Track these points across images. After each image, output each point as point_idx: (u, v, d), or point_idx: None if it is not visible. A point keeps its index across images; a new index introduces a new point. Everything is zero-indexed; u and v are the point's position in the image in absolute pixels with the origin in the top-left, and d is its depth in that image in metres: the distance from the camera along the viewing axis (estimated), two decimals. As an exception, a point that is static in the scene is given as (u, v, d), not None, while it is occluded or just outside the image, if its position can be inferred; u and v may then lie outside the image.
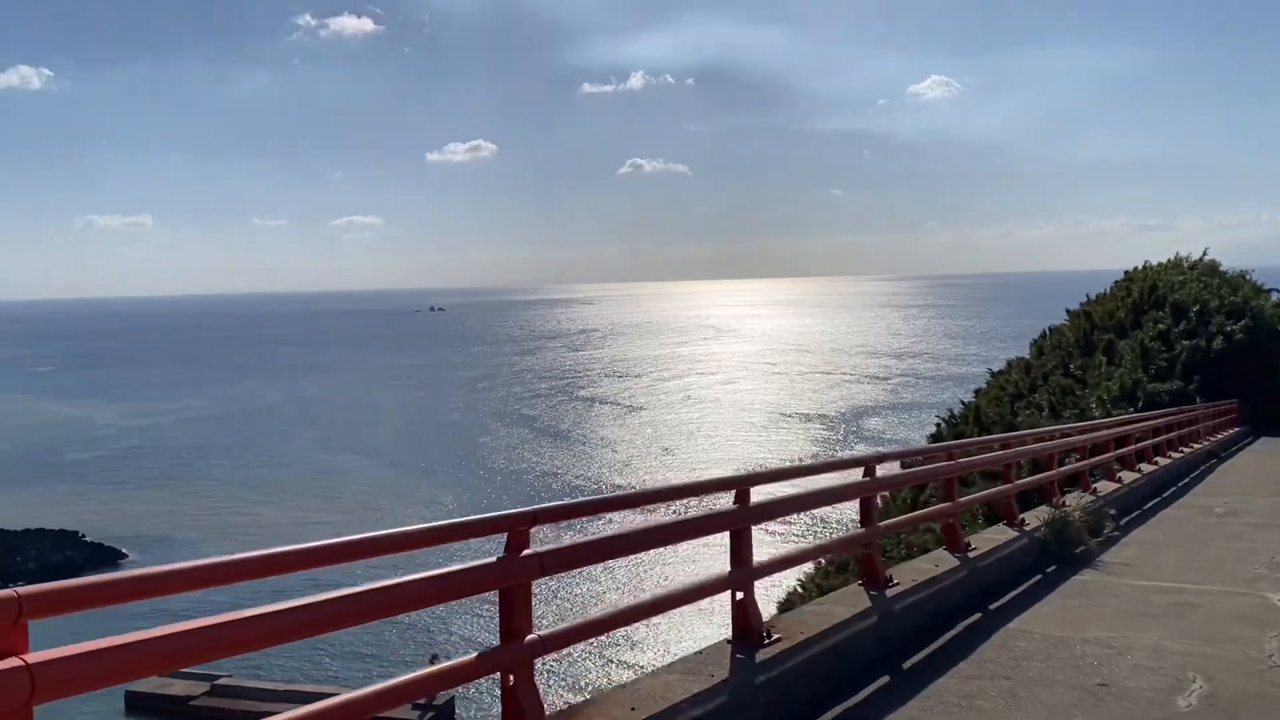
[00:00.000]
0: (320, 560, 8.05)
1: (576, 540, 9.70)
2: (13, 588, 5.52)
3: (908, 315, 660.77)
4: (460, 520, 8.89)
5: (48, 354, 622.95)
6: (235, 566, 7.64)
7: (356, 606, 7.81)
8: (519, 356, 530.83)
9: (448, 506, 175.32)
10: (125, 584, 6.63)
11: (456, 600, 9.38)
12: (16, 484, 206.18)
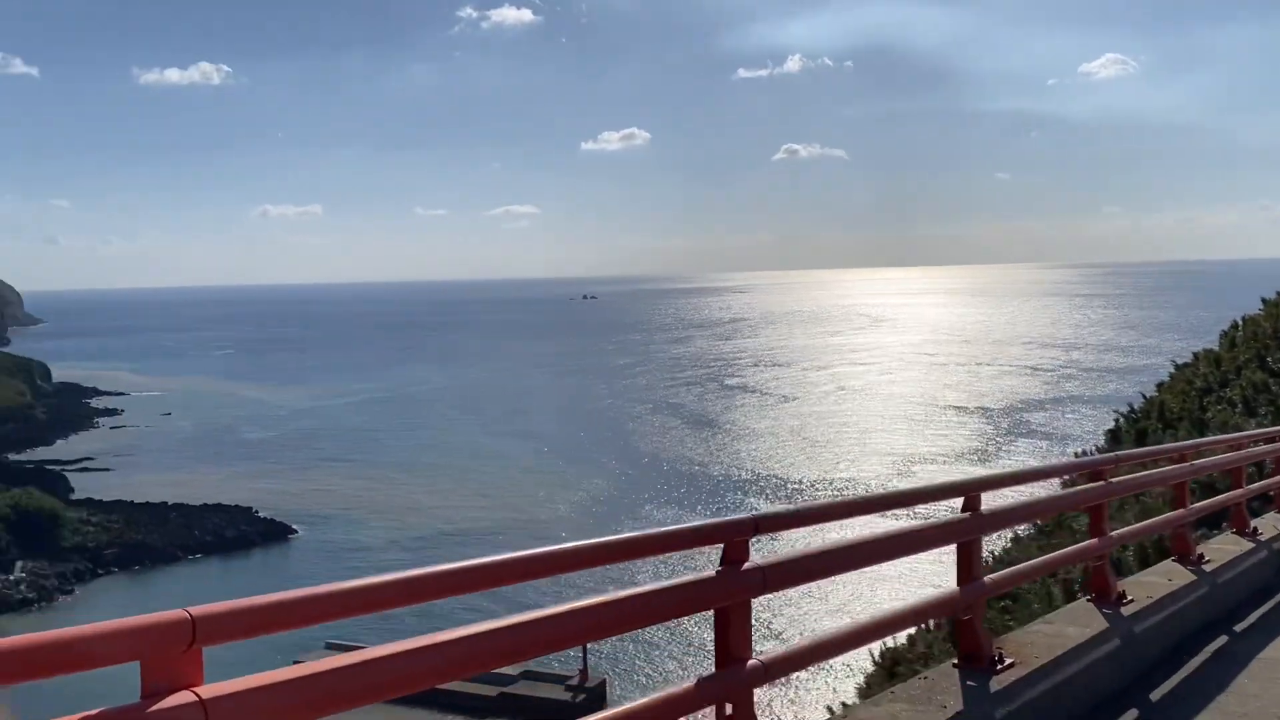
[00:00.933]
0: (511, 576, 6.86)
1: (801, 552, 8.43)
2: (184, 609, 5.02)
3: (1076, 305, 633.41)
4: (671, 529, 7.60)
5: (227, 338, 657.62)
6: (413, 584, 6.28)
7: (558, 631, 6.75)
8: (670, 345, 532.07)
9: (601, 492, 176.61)
10: (315, 603, 5.74)
11: (669, 621, 8.28)
12: (197, 461, 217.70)
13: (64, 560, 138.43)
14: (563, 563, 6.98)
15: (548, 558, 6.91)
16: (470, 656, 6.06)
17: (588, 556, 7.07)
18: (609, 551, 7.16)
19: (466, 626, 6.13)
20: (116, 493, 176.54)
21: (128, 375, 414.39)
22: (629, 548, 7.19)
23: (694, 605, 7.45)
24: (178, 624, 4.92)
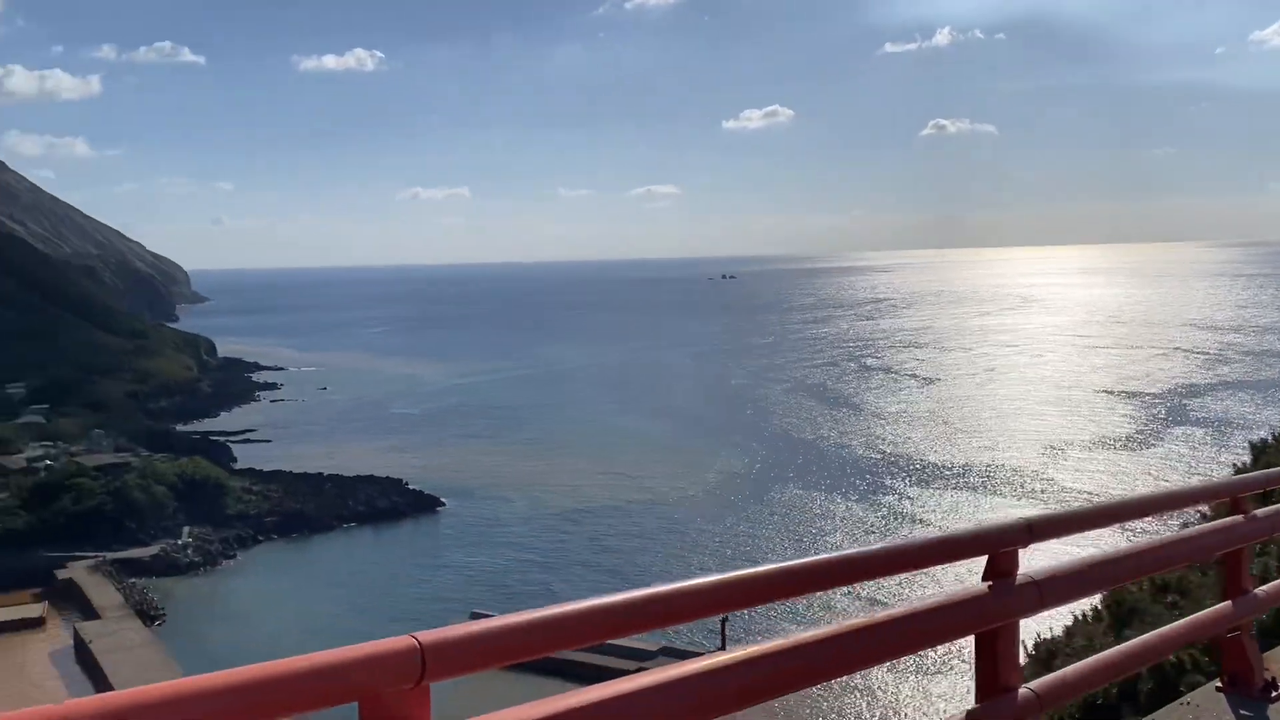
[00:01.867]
0: (742, 598, 5.98)
1: (1081, 561, 7.22)
2: (411, 635, 4.10)
3: (1242, 285, 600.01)
4: (928, 539, 6.56)
5: (379, 317, 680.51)
6: (654, 603, 5.56)
7: (810, 662, 5.45)
8: (810, 325, 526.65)
9: (737, 472, 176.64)
10: (561, 625, 4.71)
11: (930, 648, 7.06)
12: (351, 434, 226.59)
13: (227, 526, 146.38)
14: (809, 579, 5.84)
15: (786, 575, 5.75)
16: (709, 693, 5.29)
17: (840, 572, 5.91)
18: (863, 566, 6.10)
19: (705, 658, 5.45)
20: (276, 463, 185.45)
21: (287, 351, 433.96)
22: (884, 561, 6.20)
23: (960, 627, 6.20)
24: (403, 655, 4.08)
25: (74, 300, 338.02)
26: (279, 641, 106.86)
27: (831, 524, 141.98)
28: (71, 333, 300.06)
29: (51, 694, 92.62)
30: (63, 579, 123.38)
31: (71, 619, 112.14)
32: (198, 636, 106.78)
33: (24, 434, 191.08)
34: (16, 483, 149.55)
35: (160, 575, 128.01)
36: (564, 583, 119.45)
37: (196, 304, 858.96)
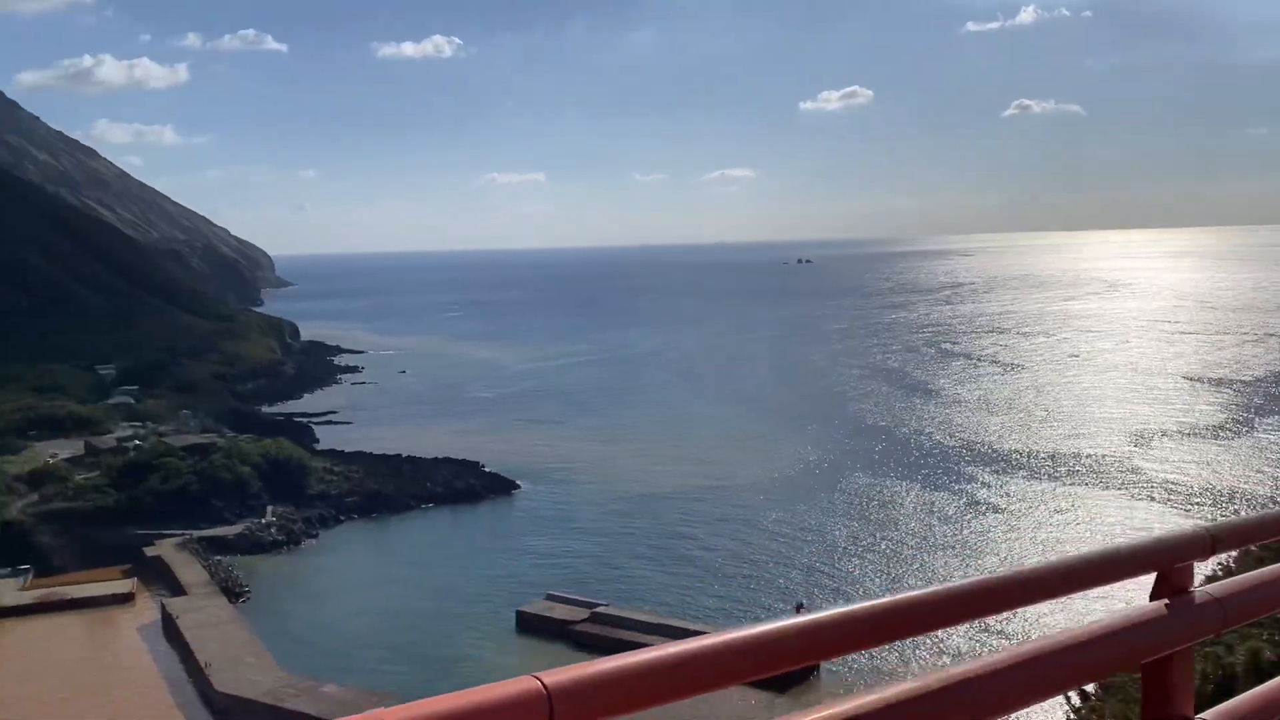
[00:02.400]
0: (911, 624, 5.00)
1: (1261, 574, 6.22)
2: (534, 676, 3.45)
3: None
4: (1093, 555, 5.37)
5: (456, 301, 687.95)
6: (796, 636, 4.18)
7: (966, 699, 4.59)
8: (888, 310, 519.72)
9: (813, 460, 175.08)
10: (701, 661, 3.90)
11: (1096, 681, 5.98)
12: (428, 416, 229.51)
13: (309, 506, 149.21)
14: (969, 604, 5.09)
15: (944, 600, 5.04)
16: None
17: (1005, 594, 5.06)
18: (1029, 588, 5.15)
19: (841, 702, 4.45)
20: (357, 444, 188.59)
21: (367, 335, 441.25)
22: (1051, 581, 5.21)
23: (1132, 654, 5.32)
24: (527, 702, 3.50)
25: (161, 284, 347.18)
26: (359, 620, 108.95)
27: (908, 514, 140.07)
28: (160, 316, 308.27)
29: (141, 667, 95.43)
30: (151, 556, 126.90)
31: (159, 594, 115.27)
32: (281, 614, 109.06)
33: (114, 414, 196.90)
34: (107, 462, 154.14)
35: (245, 553, 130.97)
36: (637, 568, 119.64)
37: (280, 288, 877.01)
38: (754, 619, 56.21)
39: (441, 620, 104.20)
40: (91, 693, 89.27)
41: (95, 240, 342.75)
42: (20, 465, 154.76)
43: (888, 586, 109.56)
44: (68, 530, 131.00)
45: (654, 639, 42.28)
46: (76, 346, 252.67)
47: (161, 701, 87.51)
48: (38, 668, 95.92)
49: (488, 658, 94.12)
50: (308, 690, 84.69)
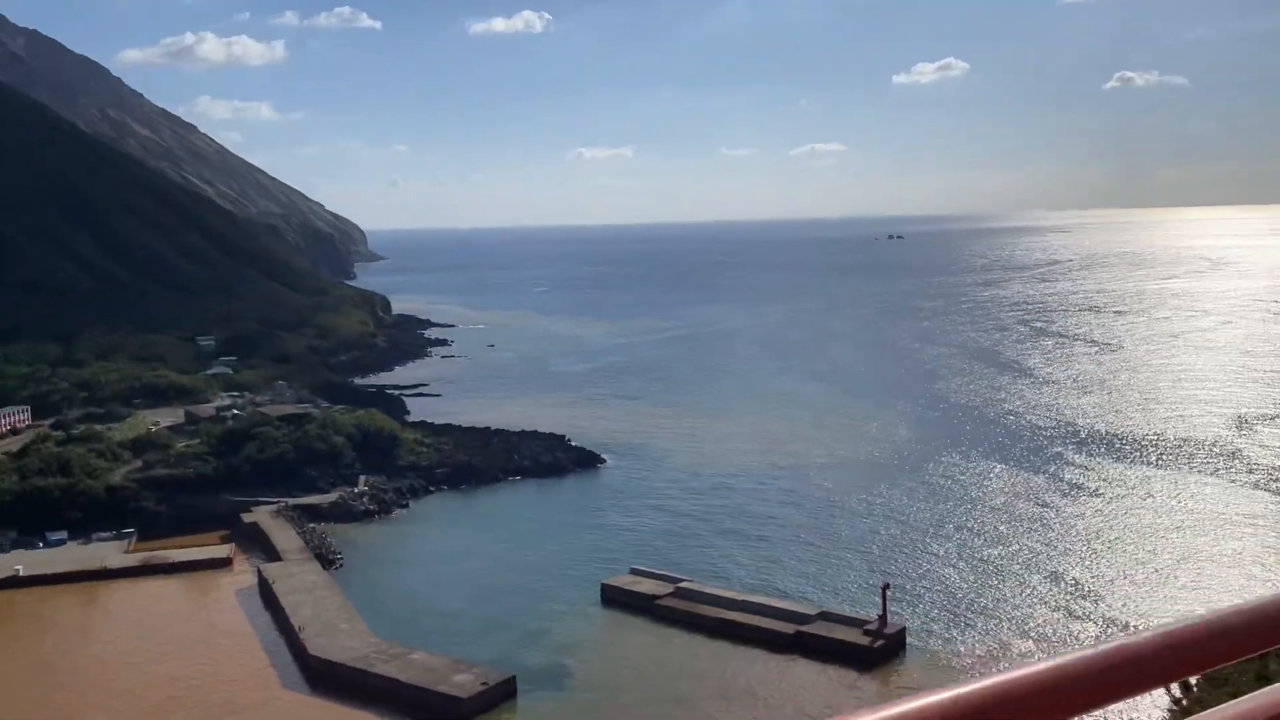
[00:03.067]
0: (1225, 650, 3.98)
1: None
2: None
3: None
4: None
5: (544, 276, 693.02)
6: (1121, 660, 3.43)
7: None
8: (980, 287, 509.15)
9: (902, 439, 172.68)
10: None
11: None
12: (516, 390, 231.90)
13: (400, 476, 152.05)
14: None
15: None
16: None
17: None
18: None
19: None
20: (446, 417, 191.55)
21: (457, 309, 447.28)
22: None
23: None
24: None
25: (259, 258, 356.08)
26: (447, 589, 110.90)
27: (996, 496, 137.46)
28: (257, 288, 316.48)
29: (238, 630, 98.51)
30: (248, 522, 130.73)
31: (256, 560, 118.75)
32: (372, 581, 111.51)
33: (213, 384, 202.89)
34: (206, 430, 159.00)
35: (338, 521, 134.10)
36: (720, 545, 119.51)
37: (372, 262, 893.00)
38: (847, 600, 55.09)
39: (527, 592, 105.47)
40: (191, 652, 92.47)
41: (196, 214, 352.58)
42: (125, 432, 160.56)
43: (974, 571, 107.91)
44: (169, 496, 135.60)
45: (737, 615, 42.40)
46: (178, 317, 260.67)
47: (257, 662, 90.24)
48: (141, 627, 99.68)
49: (573, 630, 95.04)
50: (397, 656, 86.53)
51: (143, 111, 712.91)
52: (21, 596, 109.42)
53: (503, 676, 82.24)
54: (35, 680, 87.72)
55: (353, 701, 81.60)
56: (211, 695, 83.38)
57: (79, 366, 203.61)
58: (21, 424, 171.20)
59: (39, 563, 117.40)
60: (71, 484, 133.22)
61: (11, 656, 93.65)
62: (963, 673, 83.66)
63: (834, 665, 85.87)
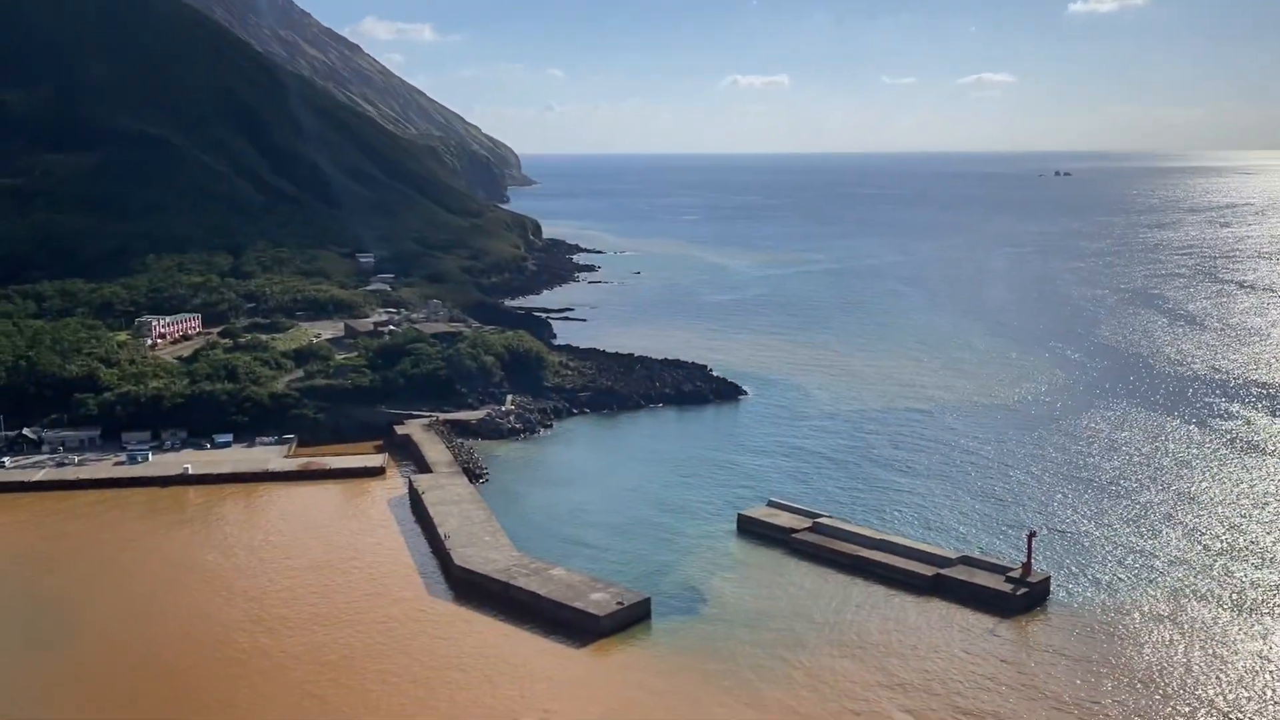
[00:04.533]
0: None
1: None
2: None
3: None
4: None
5: (693, 204, 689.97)
6: None
7: None
8: (1152, 229, 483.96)
9: (1058, 384, 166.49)
10: None
11: None
12: (661, 318, 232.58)
13: (545, 397, 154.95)
14: None
15: None
16: None
17: None
18: None
19: None
20: (591, 341, 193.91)
21: (605, 235, 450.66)
22: None
23: None
24: None
25: (419, 179, 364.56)
26: (587, 510, 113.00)
27: (1156, 448, 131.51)
28: (416, 209, 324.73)
29: (388, 536, 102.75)
30: (400, 434, 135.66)
31: (406, 470, 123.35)
32: (515, 496, 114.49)
33: (372, 300, 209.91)
34: (364, 344, 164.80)
35: (485, 438, 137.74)
36: (859, 482, 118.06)
37: (525, 186, 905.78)
38: (989, 546, 53.87)
39: (664, 517, 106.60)
40: (343, 555, 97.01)
41: (360, 134, 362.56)
42: (287, 343, 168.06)
43: (1125, 525, 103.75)
44: (327, 405, 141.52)
45: (875, 554, 41.57)
46: (339, 234, 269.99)
47: (404, 568, 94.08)
48: (297, 528, 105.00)
49: (708, 558, 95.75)
50: (537, 571, 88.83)
51: (311, 32, 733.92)
52: (190, 494, 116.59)
53: (638, 598, 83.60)
54: (193, 573, 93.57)
55: (494, 612, 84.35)
56: (360, 598, 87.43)
57: (246, 278, 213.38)
58: (193, 330, 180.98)
59: (206, 463, 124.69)
60: (238, 389, 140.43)
61: (175, 550, 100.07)
62: (1105, 629, 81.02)
63: (973, 610, 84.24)
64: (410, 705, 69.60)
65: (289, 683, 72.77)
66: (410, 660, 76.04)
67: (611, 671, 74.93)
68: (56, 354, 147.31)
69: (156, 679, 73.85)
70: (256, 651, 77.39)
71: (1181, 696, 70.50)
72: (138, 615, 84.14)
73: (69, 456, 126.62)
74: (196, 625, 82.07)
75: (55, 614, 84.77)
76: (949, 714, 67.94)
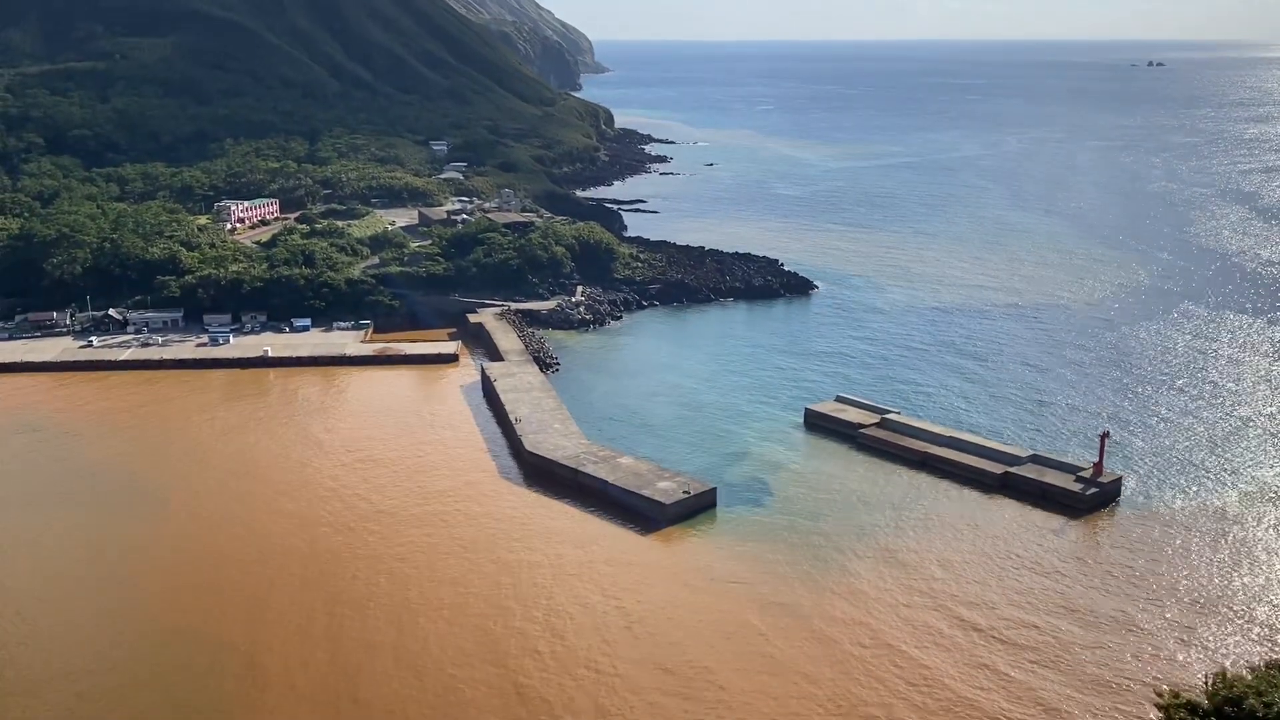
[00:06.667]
0: None
1: None
2: None
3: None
4: None
5: (770, 95, 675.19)
6: None
7: None
8: (1249, 124, 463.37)
9: (1142, 284, 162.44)
10: None
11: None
12: (732, 211, 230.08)
13: (615, 289, 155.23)
14: None
15: None
16: None
17: None
18: None
19: None
20: (661, 234, 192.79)
21: (678, 125, 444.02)
22: None
23: None
24: None
25: (491, 66, 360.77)
26: (655, 400, 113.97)
27: (1238, 355, 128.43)
28: (489, 96, 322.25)
29: (462, 421, 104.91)
30: (474, 322, 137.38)
31: (479, 358, 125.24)
32: (585, 386, 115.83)
33: (445, 188, 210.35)
34: (438, 232, 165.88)
35: (555, 328, 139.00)
36: (929, 380, 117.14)
37: (599, 74, 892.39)
38: (1061, 445, 53.52)
39: (732, 410, 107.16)
40: (418, 438, 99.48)
41: (434, 21, 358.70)
42: (363, 230, 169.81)
43: (1201, 428, 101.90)
44: (402, 292, 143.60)
45: (944, 451, 41.80)
46: (413, 120, 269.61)
47: (477, 453, 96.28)
48: (374, 411, 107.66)
49: (774, 451, 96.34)
50: (606, 459, 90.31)
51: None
52: (271, 376, 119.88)
53: (704, 488, 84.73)
54: (276, 452, 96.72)
55: (563, 497, 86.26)
56: (435, 480, 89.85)
57: (322, 164, 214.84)
58: (270, 216, 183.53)
59: (285, 346, 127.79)
60: (315, 275, 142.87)
61: (257, 430, 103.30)
62: (1176, 530, 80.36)
63: (1041, 510, 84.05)
64: (477, 583, 71.86)
65: (366, 555, 75.53)
66: (481, 539, 78.34)
67: (676, 558, 76.48)
68: (139, 236, 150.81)
69: (244, 544, 77.09)
70: (335, 524, 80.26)
71: (1250, 599, 70.05)
72: (222, 490, 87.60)
73: (153, 337, 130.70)
74: (278, 502, 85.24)
75: (148, 489, 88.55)
76: (1014, 605, 68.41)
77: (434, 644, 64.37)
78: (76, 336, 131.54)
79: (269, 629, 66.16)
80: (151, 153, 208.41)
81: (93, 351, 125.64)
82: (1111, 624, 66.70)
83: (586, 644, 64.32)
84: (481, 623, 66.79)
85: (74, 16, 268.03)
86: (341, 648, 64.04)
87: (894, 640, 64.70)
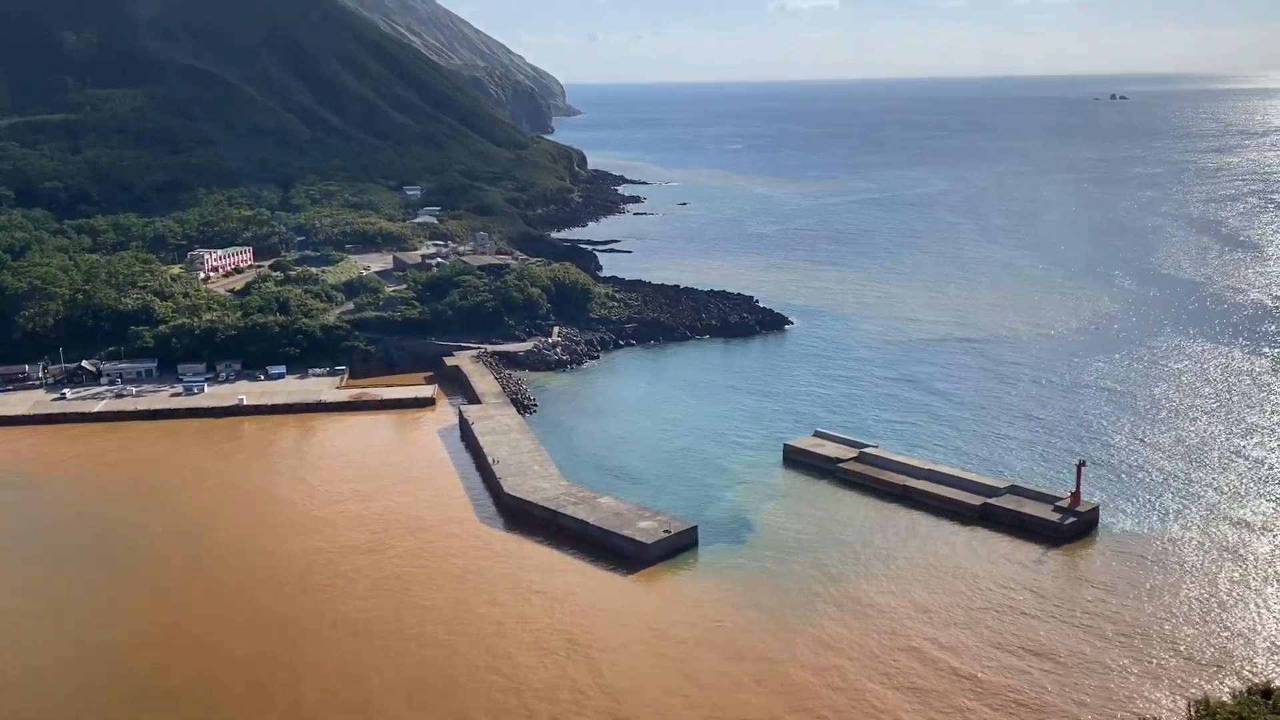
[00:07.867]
0: None
1: None
2: None
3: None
4: None
5: (739, 133, 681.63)
6: None
7: None
8: (1210, 154, 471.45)
9: (1111, 314, 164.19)
10: None
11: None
12: (706, 249, 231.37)
13: (591, 329, 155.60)
14: None
15: None
16: None
17: None
18: None
19: None
20: (636, 273, 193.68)
21: (651, 166, 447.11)
22: None
23: None
24: None
25: (464, 110, 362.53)
26: (634, 440, 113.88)
27: (1212, 380, 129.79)
28: (462, 141, 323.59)
29: (440, 464, 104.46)
30: (450, 365, 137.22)
31: (456, 401, 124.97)
32: (563, 427, 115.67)
33: (419, 232, 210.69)
34: (413, 276, 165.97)
35: (532, 369, 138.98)
36: (905, 413, 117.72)
37: (570, 116, 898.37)
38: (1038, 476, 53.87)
39: (711, 447, 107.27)
40: (395, 483, 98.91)
41: (405, 66, 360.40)
42: (337, 275, 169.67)
43: (1178, 455, 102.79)
44: (378, 337, 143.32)
45: (922, 484, 42.13)
46: (386, 166, 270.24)
47: (455, 496, 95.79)
48: (350, 457, 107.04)
49: (754, 488, 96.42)
50: (585, 500, 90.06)
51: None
52: (246, 424, 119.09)
53: (685, 526, 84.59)
54: (250, 501, 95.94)
55: (543, 539, 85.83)
56: (412, 525, 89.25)
57: (296, 211, 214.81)
58: (244, 264, 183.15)
59: (260, 394, 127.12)
60: (289, 322, 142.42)
61: (232, 479, 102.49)
62: (1153, 559, 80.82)
63: (1021, 540, 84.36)
64: (458, 629, 71.30)
65: (341, 603, 74.78)
66: (460, 585, 77.75)
67: (658, 598, 76.15)
68: (112, 287, 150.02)
69: (211, 598, 76.20)
70: (310, 570, 79.49)
71: (1228, 628, 70.39)
72: (193, 538, 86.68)
73: (127, 388, 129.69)
74: (250, 549, 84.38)
75: (120, 538, 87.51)
76: (990, 645, 68.42)
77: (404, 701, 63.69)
78: (49, 389, 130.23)
79: (223, 685, 65.37)
80: (124, 203, 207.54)
81: (65, 404, 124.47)
82: (1085, 658, 66.79)
83: (557, 692, 63.83)
84: (459, 677, 66.16)
85: (43, 68, 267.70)
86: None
87: (873, 682, 64.54)
